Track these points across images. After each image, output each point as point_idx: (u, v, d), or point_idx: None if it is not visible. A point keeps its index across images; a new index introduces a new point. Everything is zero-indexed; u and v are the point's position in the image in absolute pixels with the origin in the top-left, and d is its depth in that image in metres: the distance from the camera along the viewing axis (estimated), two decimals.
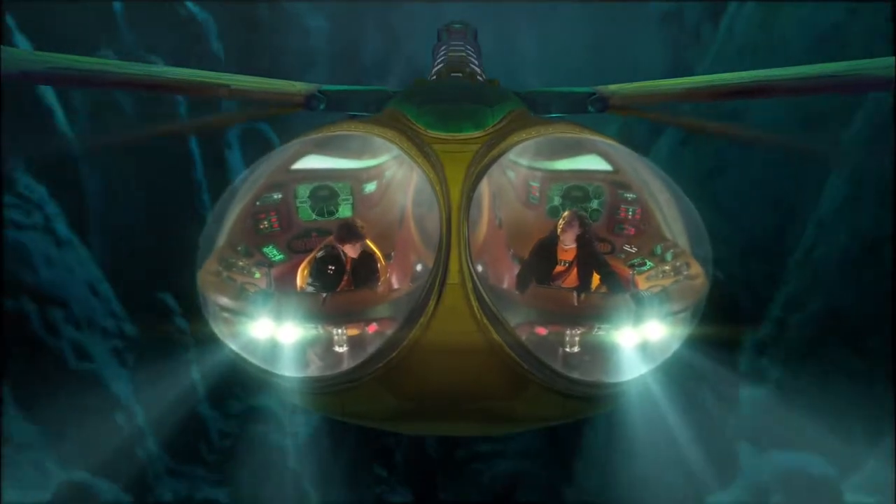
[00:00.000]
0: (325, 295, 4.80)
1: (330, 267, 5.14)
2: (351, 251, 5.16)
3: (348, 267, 5.16)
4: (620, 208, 5.85)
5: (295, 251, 5.65)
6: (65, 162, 13.23)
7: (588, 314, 4.65)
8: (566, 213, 5.32)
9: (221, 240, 5.09)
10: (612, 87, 6.45)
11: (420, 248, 5.37)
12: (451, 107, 5.15)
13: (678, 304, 4.64)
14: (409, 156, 4.67)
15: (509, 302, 4.68)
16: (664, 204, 5.40)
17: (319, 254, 5.22)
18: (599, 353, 4.74)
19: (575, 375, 4.58)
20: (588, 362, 4.72)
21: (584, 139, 5.26)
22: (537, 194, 6.06)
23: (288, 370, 4.62)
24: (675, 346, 4.70)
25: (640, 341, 4.65)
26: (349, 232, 5.15)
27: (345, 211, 5.98)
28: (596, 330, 4.68)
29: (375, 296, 4.91)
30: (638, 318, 4.55)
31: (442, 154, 4.66)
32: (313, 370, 4.71)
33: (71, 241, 13.48)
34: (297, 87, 6.35)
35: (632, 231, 5.75)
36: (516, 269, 5.50)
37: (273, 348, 4.63)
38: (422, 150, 4.68)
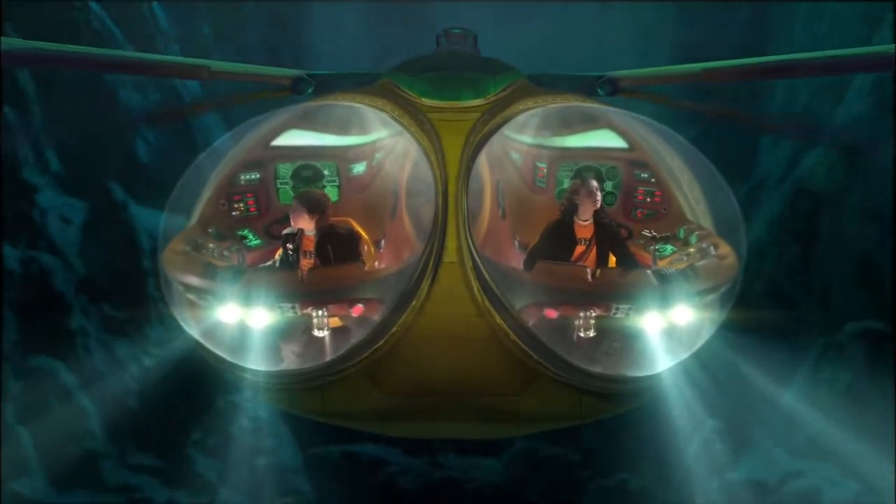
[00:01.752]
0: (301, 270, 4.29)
1: (288, 245, 4.61)
2: (304, 224, 4.57)
3: (311, 247, 4.59)
4: (638, 190, 5.35)
5: (273, 237, 5.13)
6: None
7: (605, 292, 4.11)
8: (584, 180, 4.74)
9: (192, 219, 4.64)
10: (622, 71, 5.99)
11: (414, 243, 4.88)
12: (448, 74, 4.71)
13: (706, 284, 4.10)
14: (400, 124, 4.23)
15: (514, 283, 4.15)
16: (686, 181, 4.91)
17: (285, 231, 4.72)
18: (619, 342, 4.22)
19: (591, 367, 4.03)
20: (607, 352, 4.20)
21: (598, 109, 4.87)
22: (544, 176, 5.55)
23: (259, 362, 4.07)
24: (707, 334, 4.13)
25: (665, 327, 4.09)
26: (300, 201, 4.59)
27: (329, 194, 5.42)
28: (614, 312, 4.13)
29: (360, 273, 4.35)
30: (662, 299, 4.01)
31: (438, 123, 4.23)
32: (288, 362, 4.19)
33: None
34: (284, 71, 5.91)
35: (651, 215, 5.25)
36: (523, 259, 4.96)
37: (242, 336, 4.11)
38: (415, 118, 4.26)
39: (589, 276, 4.12)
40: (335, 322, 4.38)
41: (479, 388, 4.08)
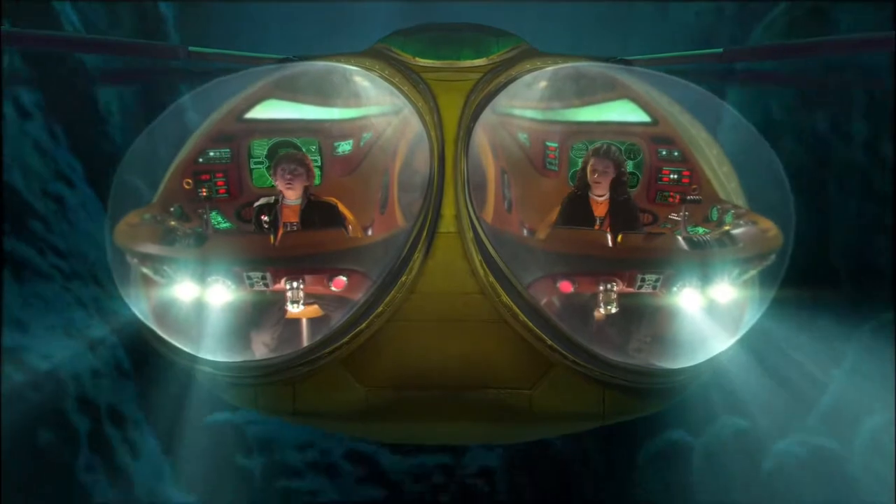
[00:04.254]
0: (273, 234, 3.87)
1: (263, 217, 4.13)
2: (298, 189, 4.10)
3: (293, 218, 4.11)
4: (663, 171, 4.83)
5: (245, 221, 4.65)
6: None
7: (627, 258, 3.67)
8: (595, 150, 4.25)
9: (154, 197, 4.23)
10: (637, 56, 5.66)
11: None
12: (446, 34, 4.43)
13: (746, 253, 3.66)
14: (390, 83, 3.91)
15: (522, 255, 3.71)
16: (715, 156, 4.47)
17: (259, 202, 4.26)
18: (649, 327, 3.73)
19: (615, 357, 3.51)
20: (637, 347, 3.72)
21: (615, 70, 4.46)
22: (556, 157, 5.06)
23: (218, 351, 3.57)
24: (752, 317, 3.63)
25: (703, 307, 3.59)
26: (295, 162, 4.12)
27: None
28: (639, 284, 3.63)
29: (342, 239, 3.90)
30: (695, 268, 3.56)
31: (434, 84, 3.89)
32: (253, 350, 3.71)
33: None
34: (268, 55, 5.44)
35: (678, 199, 4.72)
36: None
37: (202, 320, 3.64)
38: (408, 77, 3.93)
39: (609, 242, 3.67)
40: (313, 312, 3.86)
41: (481, 381, 3.55)
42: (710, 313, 3.57)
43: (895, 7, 8.75)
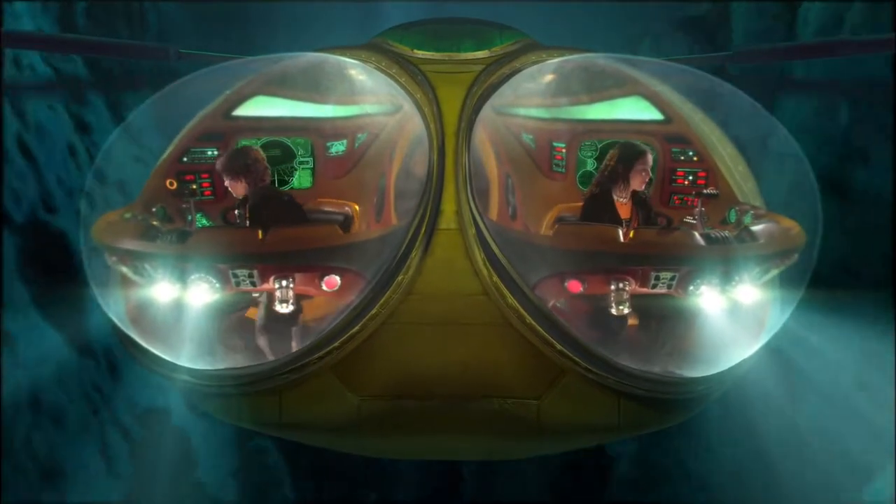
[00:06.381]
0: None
1: (236, 211, 4.02)
2: (235, 187, 3.95)
3: (246, 213, 3.96)
4: (677, 171, 4.67)
5: (231, 223, 4.45)
6: None
7: (640, 254, 3.47)
8: (637, 147, 4.03)
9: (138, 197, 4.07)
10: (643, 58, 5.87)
11: None
12: (446, 27, 4.28)
13: (767, 249, 3.46)
14: (386, 74, 3.74)
15: (528, 252, 3.48)
16: (730, 155, 4.32)
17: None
18: (664, 328, 3.51)
19: (630, 364, 3.25)
20: (649, 342, 3.50)
21: (628, 61, 4.31)
22: (563, 158, 4.88)
23: (198, 359, 3.34)
24: (778, 321, 3.38)
25: (724, 308, 3.38)
26: (228, 161, 3.95)
27: (302, 179, 4.76)
28: (653, 282, 3.42)
29: (332, 234, 3.64)
30: (713, 265, 3.35)
31: (433, 76, 3.73)
32: (235, 357, 3.48)
33: None
34: (260, 57, 5.32)
35: (695, 201, 4.48)
36: None
37: (182, 324, 3.42)
38: (406, 69, 3.76)
39: (621, 236, 3.46)
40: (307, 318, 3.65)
41: (485, 390, 3.29)
42: (731, 316, 3.36)
43: (894, 7, 8.88)
